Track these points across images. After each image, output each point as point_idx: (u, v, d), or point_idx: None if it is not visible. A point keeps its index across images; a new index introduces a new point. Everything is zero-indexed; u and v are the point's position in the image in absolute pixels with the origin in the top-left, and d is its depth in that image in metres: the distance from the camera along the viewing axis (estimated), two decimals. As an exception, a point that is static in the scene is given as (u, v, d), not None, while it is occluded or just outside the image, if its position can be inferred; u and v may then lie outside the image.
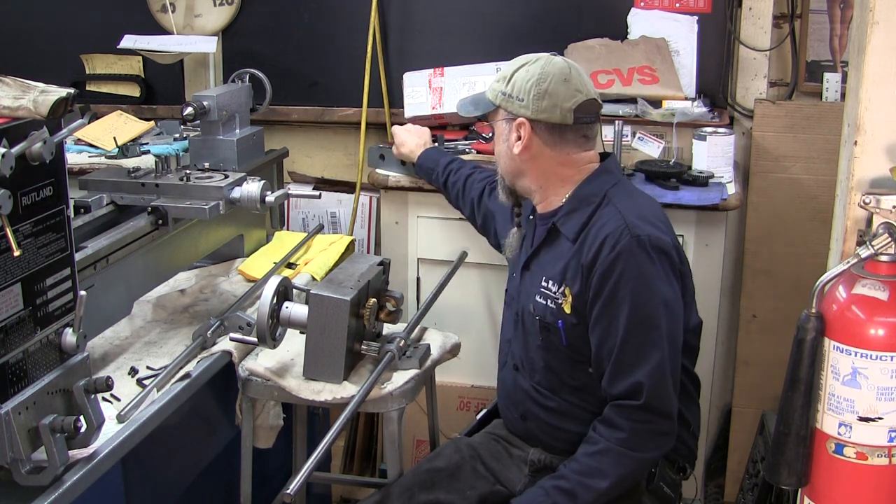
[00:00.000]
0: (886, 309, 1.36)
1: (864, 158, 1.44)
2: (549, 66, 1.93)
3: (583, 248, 1.89)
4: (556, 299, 1.93)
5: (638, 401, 1.82)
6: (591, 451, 1.86)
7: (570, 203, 1.97)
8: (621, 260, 1.83)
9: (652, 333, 1.84)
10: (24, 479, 1.49)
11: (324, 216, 3.36)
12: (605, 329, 1.85)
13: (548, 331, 1.95)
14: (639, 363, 1.83)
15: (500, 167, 2.06)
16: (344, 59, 3.31)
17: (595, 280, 1.85)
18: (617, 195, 1.94)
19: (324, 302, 1.97)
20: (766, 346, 3.00)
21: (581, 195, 1.96)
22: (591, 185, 1.97)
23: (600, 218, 1.91)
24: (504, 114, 1.99)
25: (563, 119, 1.93)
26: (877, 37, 1.40)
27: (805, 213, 2.94)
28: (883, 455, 1.39)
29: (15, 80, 1.48)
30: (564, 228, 1.96)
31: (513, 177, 2.03)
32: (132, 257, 2.12)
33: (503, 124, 2.00)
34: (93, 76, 3.57)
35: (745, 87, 3.06)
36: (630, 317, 1.82)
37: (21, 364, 1.48)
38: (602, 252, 1.85)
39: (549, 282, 1.96)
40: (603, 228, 1.88)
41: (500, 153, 2.04)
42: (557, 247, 1.97)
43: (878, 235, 1.39)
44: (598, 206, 1.93)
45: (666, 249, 1.87)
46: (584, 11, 3.12)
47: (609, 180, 1.98)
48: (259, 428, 2.24)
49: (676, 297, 1.89)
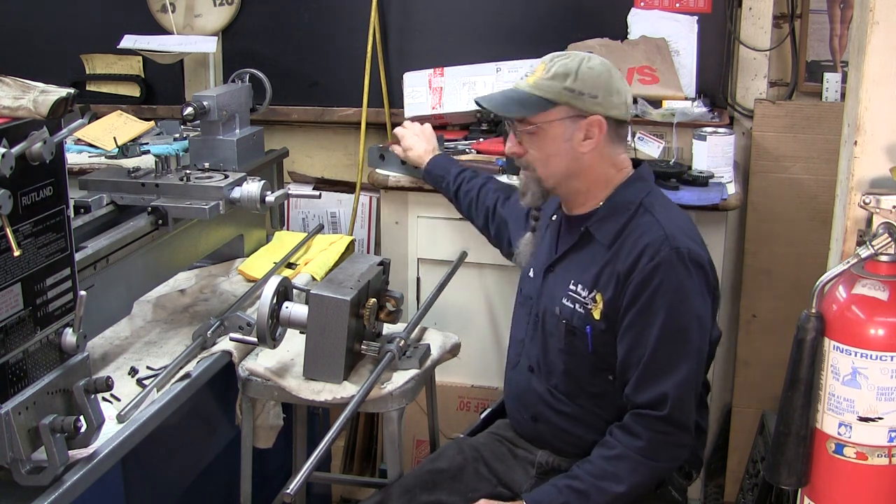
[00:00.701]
0: (886, 309, 1.36)
1: (864, 158, 1.44)
2: (609, 64, 1.92)
3: (619, 256, 1.87)
4: (585, 304, 1.91)
5: (661, 412, 1.81)
6: (607, 454, 1.85)
7: (606, 208, 1.94)
8: (660, 271, 1.82)
9: (684, 346, 1.84)
10: (24, 479, 1.49)
11: (324, 216, 3.36)
12: (636, 337, 1.84)
13: (573, 335, 1.92)
14: (666, 374, 1.82)
15: (550, 169, 1.93)
16: (344, 59, 3.31)
17: (631, 288, 1.84)
18: (653, 205, 1.92)
19: (324, 302, 1.97)
20: (766, 346, 3.00)
21: (617, 201, 1.94)
22: (627, 191, 1.95)
23: (638, 226, 1.89)
24: (566, 111, 1.89)
25: (626, 115, 1.92)
26: (877, 37, 1.39)
27: (805, 213, 2.94)
28: (883, 455, 1.39)
29: (15, 80, 1.48)
30: (599, 234, 1.92)
31: (564, 178, 1.94)
32: (132, 257, 2.12)
33: (563, 123, 1.89)
34: (93, 76, 3.57)
35: (745, 87, 3.06)
36: (664, 327, 1.82)
37: (21, 364, 1.48)
38: (641, 261, 1.83)
39: (577, 286, 1.93)
40: (642, 237, 1.86)
41: (552, 154, 1.91)
42: (589, 251, 1.94)
43: (878, 235, 1.39)
44: (635, 214, 1.91)
45: (703, 264, 1.87)
46: (584, 11, 3.12)
47: (644, 188, 1.96)
48: (259, 428, 2.24)
49: (708, 312, 1.89)
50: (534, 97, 1.90)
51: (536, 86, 1.90)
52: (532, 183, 1.96)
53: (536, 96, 1.90)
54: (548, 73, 1.90)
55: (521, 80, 1.97)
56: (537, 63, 1.96)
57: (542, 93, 1.89)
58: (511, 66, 3.05)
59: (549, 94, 1.89)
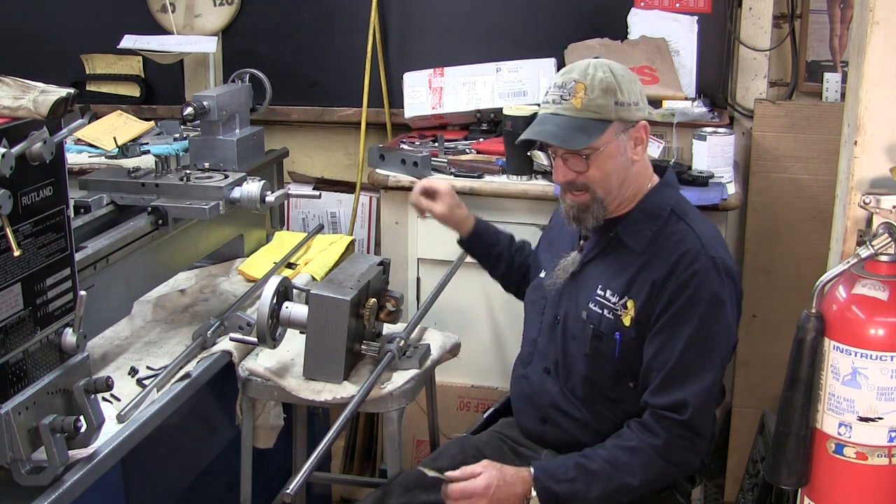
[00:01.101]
0: (886, 309, 1.36)
1: (864, 158, 1.44)
2: None
3: (653, 262, 1.87)
4: (614, 310, 1.89)
5: (682, 416, 1.81)
6: (623, 445, 1.85)
7: (638, 213, 1.93)
8: (696, 279, 1.82)
9: (710, 354, 1.84)
10: (24, 479, 1.49)
11: (324, 216, 3.36)
12: (664, 342, 1.84)
13: (600, 340, 1.91)
14: (690, 381, 1.82)
15: (609, 186, 1.89)
16: (344, 59, 3.31)
17: (667, 295, 1.84)
18: (685, 212, 1.93)
19: (324, 302, 1.97)
20: (766, 346, 3.00)
21: (649, 206, 1.93)
22: (658, 196, 1.94)
23: (673, 234, 1.88)
24: (619, 126, 1.86)
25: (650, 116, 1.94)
26: (877, 37, 1.39)
27: (805, 213, 2.94)
28: (883, 455, 1.39)
29: (15, 80, 1.48)
30: (631, 240, 1.91)
31: (618, 189, 1.90)
32: (132, 257, 2.12)
33: (618, 138, 1.86)
34: (93, 76, 3.57)
35: (745, 87, 3.06)
36: (693, 335, 1.82)
37: (21, 364, 1.48)
38: (678, 268, 1.83)
39: (606, 291, 1.91)
40: (679, 245, 1.86)
41: (611, 171, 1.87)
42: (619, 257, 1.92)
43: (878, 235, 1.38)
44: (668, 221, 1.90)
45: (734, 275, 1.88)
46: (584, 11, 3.13)
47: (673, 194, 1.96)
48: (259, 428, 2.24)
49: (736, 322, 1.89)
50: (591, 121, 1.84)
51: (587, 107, 1.84)
52: (593, 204, 1.89)
53: (594, 119, 1.84)
54: (593, 92, 1.83)
55: (557, 105, 1.86)
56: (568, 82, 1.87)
57: (596, 114, 1.84)
58: (511, 66, 3.05)
59: (603, 114, 1.84)
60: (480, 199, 2.70)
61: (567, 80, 1.86)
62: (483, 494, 1.79)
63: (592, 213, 1.90)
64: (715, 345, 1.84)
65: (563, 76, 1.88)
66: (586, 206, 1.90)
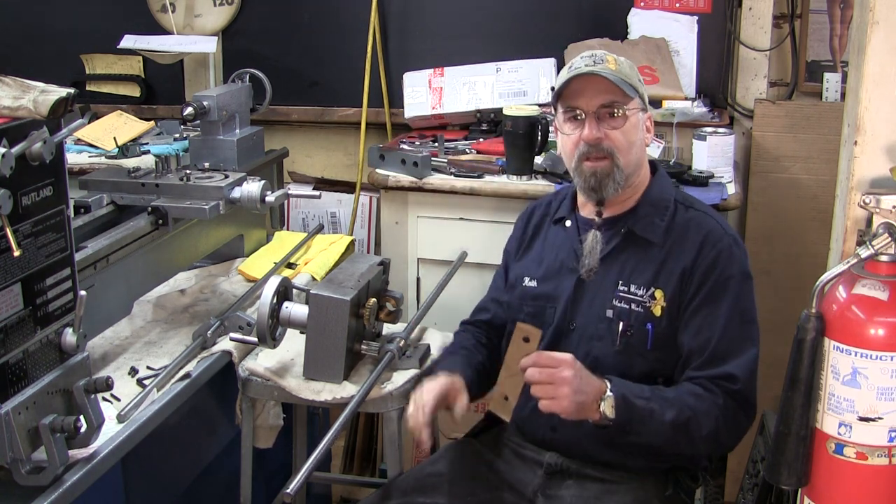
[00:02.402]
0: (886, 309, 1.36)
1: (864, 158, 1.44)
2: None
3: (676, 251, 1.89)
4: (643, 303, 1.89)
5: (734, 386, 1.82)
6: (689, 390, 1.82)
7: (645, 206, 1.95)
8: (723, 257, 1.87)
9: (750, 327, 1.87)
10: (24, 479, 1.49)
11: (324, 216, 3.36)
12: (703, 321, 1.85)
13: (630, 335, 1.89)
14: (734, 356, 1.83)
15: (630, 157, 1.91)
16: (344, 59, 3.31)
17: (697, 278, 1.87)
18: (689, 201, 1.98)
19: (324, 302, 1.97)
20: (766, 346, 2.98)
21: (653, 199, 1.96)
22: (658, 188, 1.98)
23: (689, 221, 1.92)
24: (639, 102, 1.92)
25: None
26: (877, 37, 1.39)
27: (805, 213, 2.94)
28: (883, 455, 1.39)
29: (15, 80, 1.48)
30: (646, 232, 1.93)
31: (634, 167, 1.93)
32: (132, 257, 2.12)
33: (638, 114, 1.92)
34: (93, 76, 3.57)
35: (745, 87, 3.06)
36: (730, 311, 1.85)
37: (21, 364, 1.48)
38: (704, 250, 1.87)
39: (630, 286, 1.91)
40: (699, 229, 1.90)
41: (633, 142, 1.91)
42: (636, 250, 1.93)
43: (878, 235, 1.38)
44: (676, 210, 1.94)
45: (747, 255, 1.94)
46: (584, 11, 3.13)
47: (670, 185, 2.02)
48: (259, 428, 2.24)
49: None
50: (627, 83, 1.89)
51: (621, 72, 1.89)
52: (614, 170, 1.89)
53: (628, 83, 1.89)
54: (622, 65, 1.91)
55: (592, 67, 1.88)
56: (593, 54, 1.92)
57: (628, 80, 1.90)
58: (511, 66, 3.05)
59: (632, 82, 1.90)
60: (480, 199, 2.70)
61: (594, 52, 1.93)
62: (571, 366, 1.73)
63: (614, 178, 1.89)
64: (751, 316, 1.88)
65: (588, 53, 1.93)
66: (608, 172, 1.89)
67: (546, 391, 1.72)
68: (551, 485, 1.95)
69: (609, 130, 1.89)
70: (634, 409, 1.76)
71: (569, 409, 1.71)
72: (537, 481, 1.95)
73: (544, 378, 1.72)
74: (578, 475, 1.93)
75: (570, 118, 1.93)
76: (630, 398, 1.76)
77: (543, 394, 1.72)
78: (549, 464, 1.95)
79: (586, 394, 1.73)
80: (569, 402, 1.71)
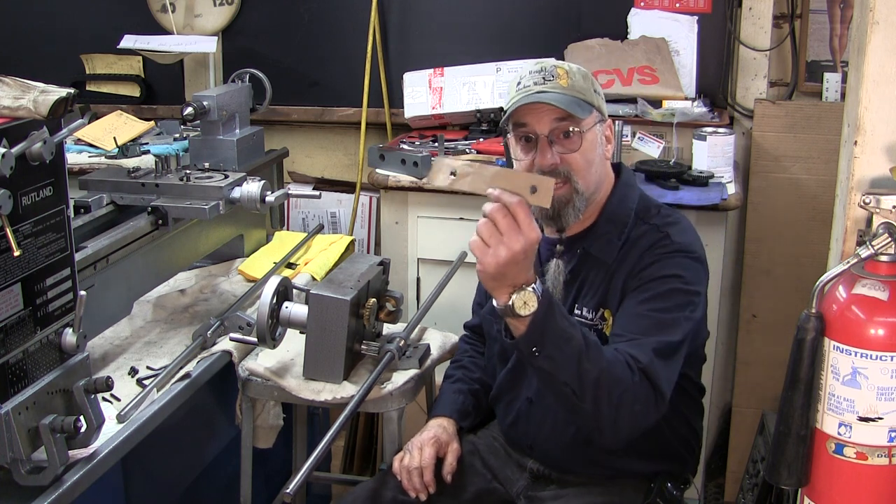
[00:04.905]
0: (886, 309, 1.36)
1: (864, 158, 1.44)
2: None
3: (622, 267, 1.81)
4: (595, 326, 1.83)
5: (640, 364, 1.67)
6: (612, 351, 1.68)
7: (604, 223, 1.86)
8: (663, 260, 1.77)
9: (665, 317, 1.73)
10: (24, 479, 1.49)
11: (324, 216, 3.36)
12: (621, 314, 1.76)
13: None
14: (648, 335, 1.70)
15: (590, 178, 1.81)
16: (344, 59, 3.32)
17: (633, 280, 1.78)
18: (647, 212, 1.86)
19: (324, 302, 1.97)
20: (766, 346, 3.00)
21: (612, 214, 1.86)
22: (617, 201, 1.87)
23: (640, 237, 1.82)
24: (597, 115, 1.81)
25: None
26: (877, 37, 1.39)
27: (805, 213, 2.94)
28: (883, 455, 1.39)
29: (15, 80, 1.48)
30: (602, 253, 1.84)
31: (594, 186, 1.83)
32: (132, 257, 2.12)
33: (595, 128, 1.81)
34: (93, 76, 3.57)
35: (745, 87, 3.06)
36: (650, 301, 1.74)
37: (21, 364, 1.48)
38: (641, 261, 1.78)
39: (582, 309, 1.85)
40: (641, 241, 1.81)
41: (592, 161, 1.81)
42: (589, 272, 1.85)
43: (878, 235, 1.38)
44: (634, 226, 1.84)
45: (703, 260, 1.83)
46: (584, 11, 3.13)
47: (632, 196, 1.89)
48: (259, 428, 2.24)
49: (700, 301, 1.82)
50: (579, 100, 1.78)
51: (573, 88, 1.78)
52: (574, 196, 1.80)
53: (581, 99, 1.78)
54: (574, 77, 1.79)
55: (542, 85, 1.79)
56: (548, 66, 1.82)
57: (581, 95, 1.78)
58: (511, 66, 3.05)
59: (587, 97, 1.79)
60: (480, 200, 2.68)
61: (545, 65, 1.82)
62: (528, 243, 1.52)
63: (574, 204, 1.80)
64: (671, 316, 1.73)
65: (537, 65, 1.83)
66: (567, 199, 1.79)
67: (490, 236, 1.53)
68: (534, 486, 1.97)
69: (565, 154, 1.78)
70: (553, 323, 1.58)
71: (487, 269, 1.54)
72: (522, 483, 1.99)
73: (501, 226, 1.52)
74: (560, 481, 1.95)
75: (521, 139, 1.81)
76: (555, 309, 1.59)
77: (485, 236, 1.54)
78: (532, 469, 1.98)
79: (513, 275, 1.54)
80: (494, 265, 1.53)
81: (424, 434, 1.98)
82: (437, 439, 1.96)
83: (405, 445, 1.99)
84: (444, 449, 1.96)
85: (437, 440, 1.96)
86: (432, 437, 1.96)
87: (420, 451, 1.93)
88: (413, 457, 1.93)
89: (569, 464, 1.92)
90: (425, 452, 1.93)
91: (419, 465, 1.91)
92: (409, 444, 1.97)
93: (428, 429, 2.00)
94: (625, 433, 1.67)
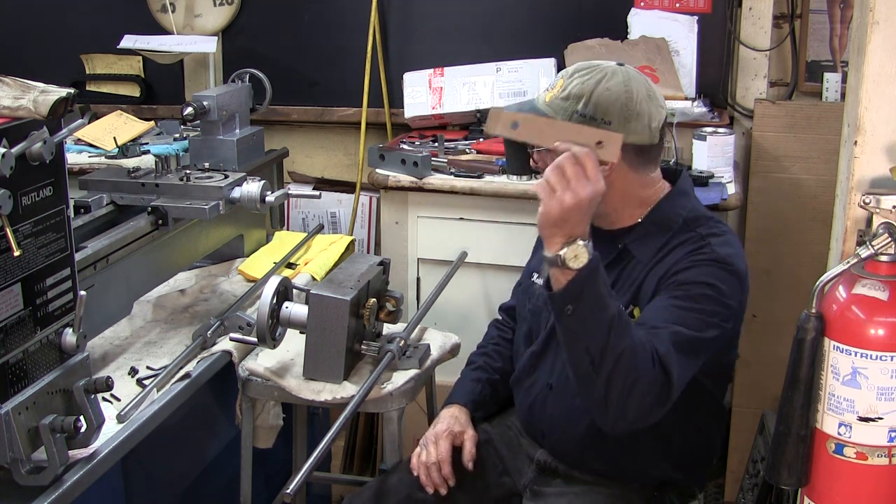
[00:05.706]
0: (886, 309, 1.36)
1: (864, 158, 1.44)
2: (632, 83, 1.79)
3: (657, 269, 1.80)
4: None
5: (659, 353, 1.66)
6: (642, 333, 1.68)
7: (648, 224, 1.86)
8: (699, 266, 1.75)
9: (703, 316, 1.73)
10: (24, 479, 1.49)
11: (324, 216, 3.36)
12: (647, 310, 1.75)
13: None
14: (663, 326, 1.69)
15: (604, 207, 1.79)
16: (344, 59, 3.32)
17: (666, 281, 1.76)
18: (696, 222, 1.85)
19: (324, 302, 1.97)
20: (766, 346, 3.00)
21: (659, 217, 1.86)
22: (669, 206, 1.87)
23: (681, 243, 1.81)
24: None
25: (651, 139, 1.81)
26: (877, 37, 1.39)
27: (805, 213, 2.94)
28: (883, 455, 1.39)
29: (15, 80, 1.48)
30: (638, 251, 1.84)
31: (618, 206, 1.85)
32: (132, 257, 2.12)
33: None
34: (93, 76, 3.57)
35: (745, 87, 3.06)
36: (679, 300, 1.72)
37: (21, 364, 1.48)
38: (680, 263, 1.77)
39: None
40: (682, 248, 1.80)
41: None
42: (625, 269, 1.85)
43: (878, 235, 1.38)
44: (679, 231, 1.83)
45: (741, 277, 1.80)
46: (584, 11, 3.13)
47: (685, 203, 1.89)
48: (259, 428, 2.24)
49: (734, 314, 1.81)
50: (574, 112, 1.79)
51: (551, 104, 1.80)
52: None
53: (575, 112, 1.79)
54: (563, 92, 1.80)
55: (541, 93, 1.85)
56: (558, 76, 1.85)
57: (555, 113, 1.79)
58: (511, 66, 3.05)
59: (560, 116, 1.79)
60: (480, 199, 2.70)
61: (563, 72, 1.85)
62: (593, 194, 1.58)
63: None
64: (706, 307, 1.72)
65: (568, 69, 1.86)
66: None
67: (558, 181, 1.59)
68: (540, 481, 1.96)
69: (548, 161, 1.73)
70: (594, 285, 1.60)
71: (550, 212, 1.59)
72: (529, 475, 1.98)
73: (569, 173, 1.58)
74: (566, 476, 1.94)
75: None
76: (600, 273, 1.61)
77: (553, 180, 1.59)
78: (539, 461, 1.97)
79: (573, 223, 1.59)
80: (559, 209, 1.58)
81: (438, 427, 1.99)
82: (451, 431, 1.97)
83: (420, 440, 1.99)
84: (458, 439, 1.97)
85: (450, 432, 1.97)
86: (446, 430, 1.97)
87: (436, 445, 1.94)
88: (430, 452, 1.93)
89: (577, 457, 1.92)
90: (441, 446, 1.94)
91: (437, 460, 1.92)
92: (424, 439, 1.98)
93: (441, 420, 2.01)
94: (630, 418, 1.66)
